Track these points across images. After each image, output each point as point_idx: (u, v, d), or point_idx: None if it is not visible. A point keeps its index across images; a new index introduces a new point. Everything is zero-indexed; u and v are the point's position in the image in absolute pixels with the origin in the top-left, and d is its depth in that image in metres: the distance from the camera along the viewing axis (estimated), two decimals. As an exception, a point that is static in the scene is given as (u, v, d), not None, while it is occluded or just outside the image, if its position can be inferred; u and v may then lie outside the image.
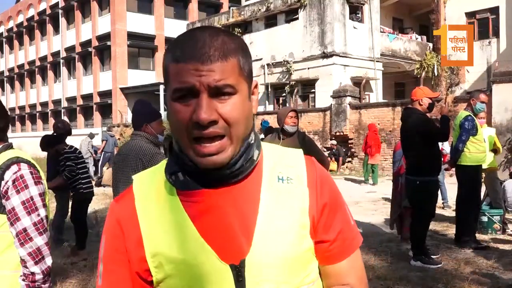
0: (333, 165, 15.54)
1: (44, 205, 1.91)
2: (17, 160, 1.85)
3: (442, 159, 5.81)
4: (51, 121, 34.52)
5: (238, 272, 0.89)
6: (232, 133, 0.88)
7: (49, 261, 1.87)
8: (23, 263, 1.81)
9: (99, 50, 31.33)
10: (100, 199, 10.15)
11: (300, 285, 0.94)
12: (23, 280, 1.81)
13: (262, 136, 8.44)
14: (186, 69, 0.85)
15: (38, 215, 1.85)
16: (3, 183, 1.80)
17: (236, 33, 13.54)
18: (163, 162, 1.00)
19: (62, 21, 34.88)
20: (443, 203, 8.81)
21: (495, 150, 6.58)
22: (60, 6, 34.75)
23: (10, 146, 1.94)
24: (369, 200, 10.07)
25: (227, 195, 0.91)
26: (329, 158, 13.31)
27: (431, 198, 5.11)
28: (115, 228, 0.97)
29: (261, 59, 21.54)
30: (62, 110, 34.87)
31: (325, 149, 16.66)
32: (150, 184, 0.98)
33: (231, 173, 0.91)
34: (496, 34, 20.00)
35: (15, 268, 1.83)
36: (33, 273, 1.81)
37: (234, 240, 0.90)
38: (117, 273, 0.96)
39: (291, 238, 0.92)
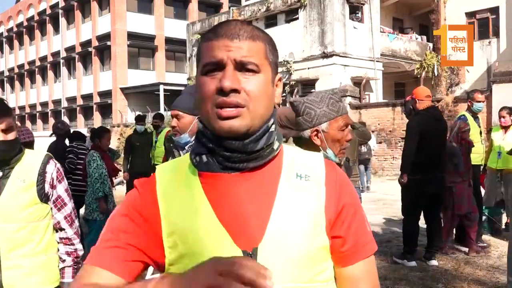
0: None
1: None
2: (51, 157, 2.17)
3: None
4: (51, 121, 34.53)
5: None
6: (251, 106, 0.91)
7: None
8: (68, 242, 2.15)
9: (99, 50, 31.34)
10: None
11: (312, 281, 0.94)
12: (68, 256, 2.15)
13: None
14: (216, 46, 0.92)
15: (72, 202, 2.22)
16: (47, 175, 2.09)
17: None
18: (187, 154, 1.03)
19: (62, 21, 34.89)
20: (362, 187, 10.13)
21: None
22: (60, 6, 34.77)
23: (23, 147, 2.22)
24: (369, 200, 10.07)
25: (246, 182, 0.94)
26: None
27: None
28: (135, 199, 0.99)
29: (261, 59, 21.51)
30: (62, 110, 34.89)
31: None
32: (173, 169, 1.02)
33: (252, 152, 0.93)
34: (496, 34, 19.98)
35: (56, 251, 2.16)
36: (76, 250, 2.17)
37: (248, 227, 0.92)
38: (121, 239, 0.96)
39: (305, 233, 0.93)
